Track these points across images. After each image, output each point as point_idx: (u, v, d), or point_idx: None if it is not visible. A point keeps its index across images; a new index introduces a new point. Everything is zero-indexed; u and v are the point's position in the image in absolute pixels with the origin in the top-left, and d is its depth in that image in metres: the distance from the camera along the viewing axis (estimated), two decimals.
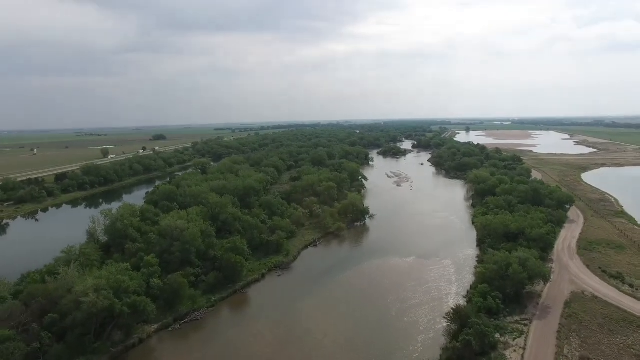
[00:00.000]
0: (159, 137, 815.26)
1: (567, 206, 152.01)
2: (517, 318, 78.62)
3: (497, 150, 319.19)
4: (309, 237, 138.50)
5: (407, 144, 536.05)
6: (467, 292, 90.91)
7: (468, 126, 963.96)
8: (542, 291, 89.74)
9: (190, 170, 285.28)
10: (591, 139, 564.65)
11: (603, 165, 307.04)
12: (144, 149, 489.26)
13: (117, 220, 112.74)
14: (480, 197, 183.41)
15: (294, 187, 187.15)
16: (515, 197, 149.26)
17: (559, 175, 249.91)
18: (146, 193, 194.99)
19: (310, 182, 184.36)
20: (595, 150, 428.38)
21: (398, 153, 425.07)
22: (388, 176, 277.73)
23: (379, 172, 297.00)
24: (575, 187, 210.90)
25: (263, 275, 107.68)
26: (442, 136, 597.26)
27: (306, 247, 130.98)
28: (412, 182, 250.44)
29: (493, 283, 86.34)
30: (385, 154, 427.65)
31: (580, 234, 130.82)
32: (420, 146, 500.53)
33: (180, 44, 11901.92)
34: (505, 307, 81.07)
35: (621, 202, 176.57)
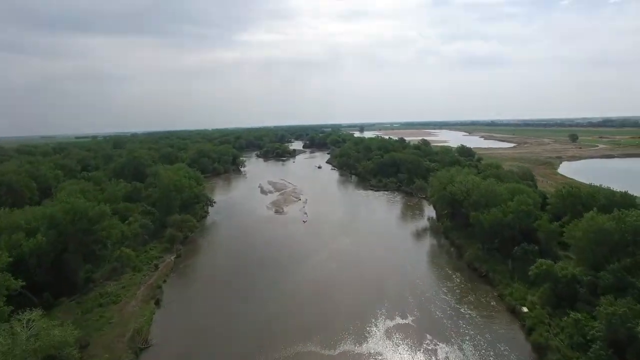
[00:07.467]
0: None
1: None
2: None
3: (426, 143, 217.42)
4: None
5: (297, 145, 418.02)
6: None
7: (362, 126, 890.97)
8: None
9: None
10: (496, 134, 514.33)
11: (559, 158, 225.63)
12: None
13: None
14: (482, 241, 69.89)
15: None
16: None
17: (538, 175, 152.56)
18: None
19: None
20: (514, 144, 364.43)
21: (285, 154, 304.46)
22: (263, 191, 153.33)
23: (250, 184, 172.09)
24: None
25: None
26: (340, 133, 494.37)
27: None
28: (305, 202, 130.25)
29: None
30: (267, 155, 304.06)
31: None
32: (313, 145, 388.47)
33: (44, 44, 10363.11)
34: None
35: None
